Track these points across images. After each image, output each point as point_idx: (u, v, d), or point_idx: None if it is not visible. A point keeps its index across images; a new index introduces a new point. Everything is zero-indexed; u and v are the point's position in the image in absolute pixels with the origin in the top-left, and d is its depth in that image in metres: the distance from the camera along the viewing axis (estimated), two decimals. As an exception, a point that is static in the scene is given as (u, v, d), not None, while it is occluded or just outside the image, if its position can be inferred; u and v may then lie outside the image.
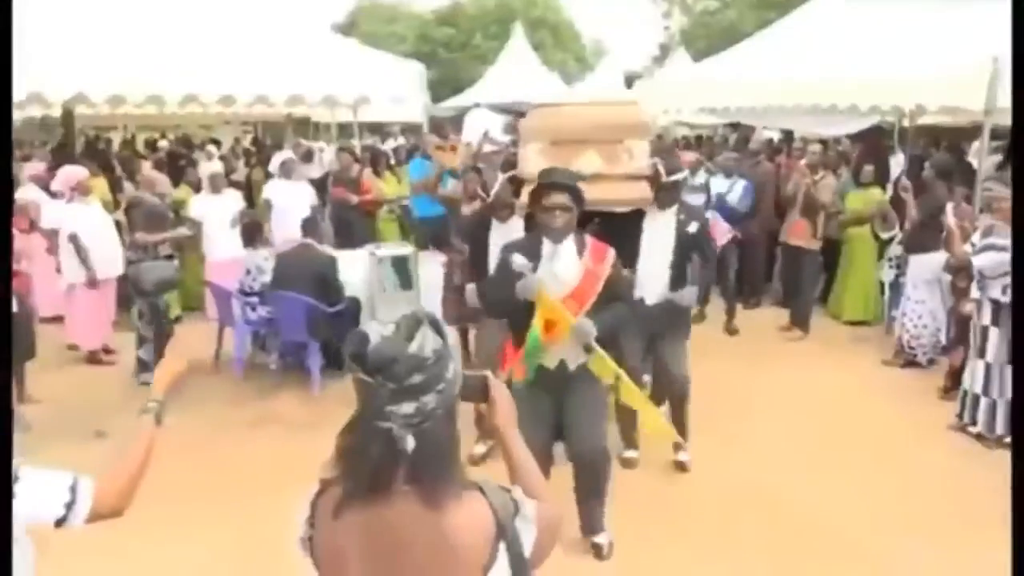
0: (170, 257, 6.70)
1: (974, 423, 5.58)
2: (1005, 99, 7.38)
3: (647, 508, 4.61)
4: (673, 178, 4.83)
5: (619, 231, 4.51)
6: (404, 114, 20.39)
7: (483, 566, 1.51)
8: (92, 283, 6.76)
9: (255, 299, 6.59)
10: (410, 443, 1.48)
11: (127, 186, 9.01)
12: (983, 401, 5.53)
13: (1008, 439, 5.42)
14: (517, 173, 4.83)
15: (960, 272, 6.05)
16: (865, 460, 5.28)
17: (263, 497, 4.68)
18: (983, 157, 7.48)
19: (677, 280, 4.87)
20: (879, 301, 8.32)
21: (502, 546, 1.53)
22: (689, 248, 4.91)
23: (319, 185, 9.95)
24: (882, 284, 8.21)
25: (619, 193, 4.60)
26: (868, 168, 8.38)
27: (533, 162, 4.52)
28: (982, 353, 5.50)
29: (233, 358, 6.83)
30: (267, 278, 6.65)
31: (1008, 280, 5.32)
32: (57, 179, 7.13)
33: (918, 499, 4.77)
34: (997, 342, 5.43)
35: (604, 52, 39.34)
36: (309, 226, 6.79)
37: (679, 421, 5.00)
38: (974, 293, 5.61)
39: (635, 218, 4.80)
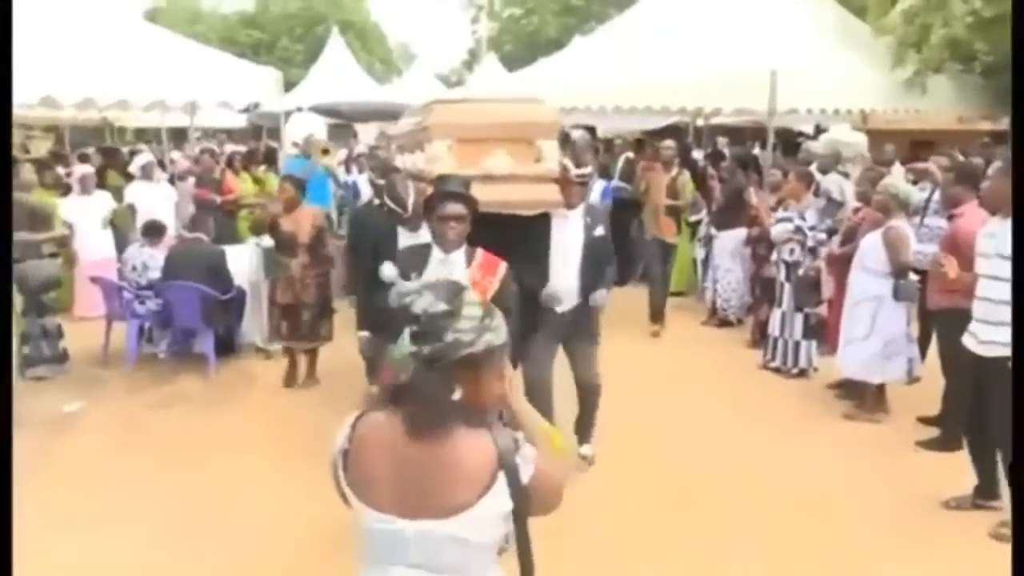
0: (53, 256, 6.93)
1: (774, 359, 7.04)
2: (783, 104, 9.13)
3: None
4: (581, 171, 4.76)
5: (524, 234, 4.44)
6: (224, 120, 20.39)
7: (484, 486, 1.81)
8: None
9: (148, 293, 6.98)
10: (456, 393, 1.81)
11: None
12: (780, 341, 7.00)
13: (796, 371, 6.93)
14: (423, 173, 4.54)
15: (760, 242, 7.54)
16: (701, 392, 6.61)
17: (192, 465, 5.26)
18: (769, 150, 9.16)
19: (589, 285, 4.80)
20: (693, 274, 9.84)
21: (501, 474, 1.82)
22: (597, 251, 4.81)
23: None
24: (694, 260, 9.74)
25: (529, 195, 4.42)
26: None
27: (442, 161, 4.34)
28: (780, 304, 6.97)
29: (123, 351, 7.16)
30: (153, 274, 7.06)
31: (793, 244, 6.83)
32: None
33: (744, 412, 6.14)
34: (788, 294, 6.91)
35: (411, 56, 40.32)
36: (198, 222, 7.26)
37: (587, 423, 5.10)
38: (775, 257, 7.08)
39: (541, 220, 4.65)
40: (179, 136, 21.20)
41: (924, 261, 5.55)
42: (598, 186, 8.56)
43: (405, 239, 4.68)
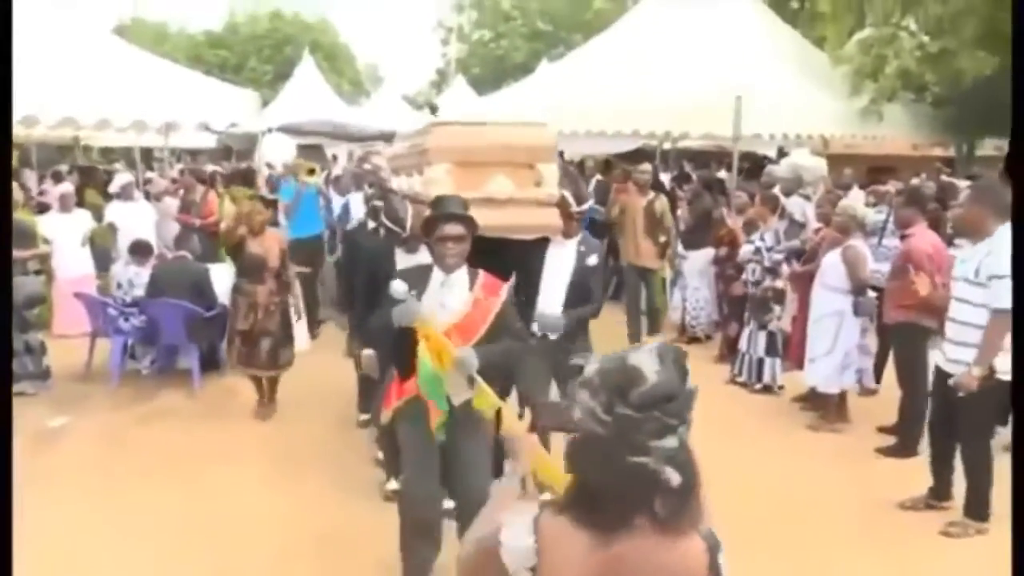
0: (38, 272, 7.07)
1: (741, 374, 7.36)
2: (747, 129, 9.55)
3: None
4: (582, 208, 4.84)
5: (520, 258, 4.42)
6: (195, 140, 20.47)
7: None
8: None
9: (133, 309, 7.12)
10: (675, 478, 1.48)
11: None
12: (746, 357, 7.32)
13: (759, 386, 7.23)
14: (420, 196, 4.52)
15: (727, 262, 7.88)
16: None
17: (178, 478, 5.42)
18: (734, 173, 9.58)
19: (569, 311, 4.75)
20: (662, 293, 10.16)
21: None
22: (585, 280, 4.81)
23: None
24: (663, 279, 10.07)
25: (529, 219, 4.40)
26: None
27: (442, 184, 4.25)
28: (748, 321, 7.31)
29: (107, 367, 7.30)
30: (138, 291, 7.23)
31: (754, 265, 7.16)
32: None
33: (712, 425, 6.36)
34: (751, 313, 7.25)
35: (378, 78, 40.57)
36: (182, 241, 7.44)
37: None
38: (744, 277, 7.39)
39: (538, 245, 4.66)
40: (146, 156, 21.25)
41: (881, 279, 5.93)
42: None
43: (403, 261, 4.59)
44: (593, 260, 4.85)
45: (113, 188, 9.32)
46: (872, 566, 4.36)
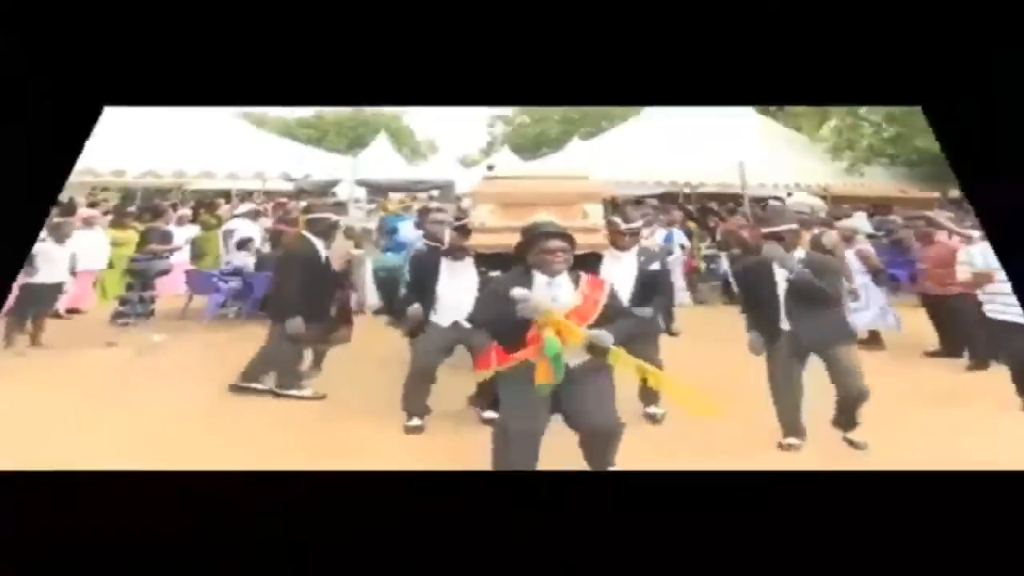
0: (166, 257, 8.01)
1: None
2: (753, 182, 10.23)
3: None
4: (631, 226, 4.57)
5: None
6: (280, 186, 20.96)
7: None
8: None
9: (234, 277, 7.77)
10: None
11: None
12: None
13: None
14: (467, 224, 4.54)
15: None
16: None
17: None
18: (747, 212, 9.95)
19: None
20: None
21: None
22: (649, 285, 4.50)
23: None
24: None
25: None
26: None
27: (485, 218, 4.22)
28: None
29: (204, 308, 7.73)
30: (248, 270, 7.87)
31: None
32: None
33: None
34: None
35: (436, 148, 41.70)
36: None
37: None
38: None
39: (591, 261, 4.21)
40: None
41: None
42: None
43: (448, 267, 4.65)
44: (656, 266, 4.56)
45: (240, 211, 10.17)
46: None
